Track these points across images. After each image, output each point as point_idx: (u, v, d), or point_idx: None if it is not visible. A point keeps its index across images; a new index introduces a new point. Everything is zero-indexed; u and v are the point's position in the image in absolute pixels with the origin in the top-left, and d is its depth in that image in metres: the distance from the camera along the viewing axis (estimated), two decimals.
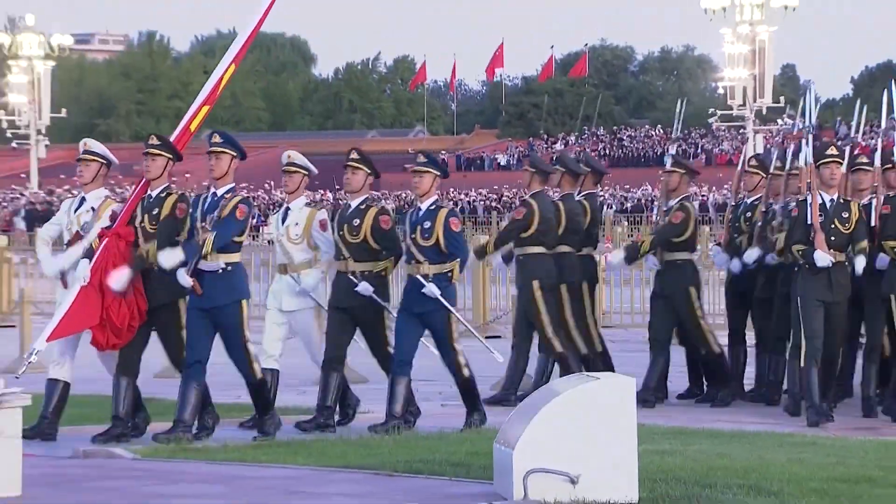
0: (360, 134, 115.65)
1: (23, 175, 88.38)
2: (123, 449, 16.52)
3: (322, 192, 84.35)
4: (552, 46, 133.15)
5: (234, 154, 18.53)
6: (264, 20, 19.30)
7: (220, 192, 18.10)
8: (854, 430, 18.71)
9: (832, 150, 20.11)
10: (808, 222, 19.22)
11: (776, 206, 21.95)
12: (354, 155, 19.60)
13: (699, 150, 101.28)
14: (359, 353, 19.81)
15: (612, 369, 21.22)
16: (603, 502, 12.99)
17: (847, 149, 21.45)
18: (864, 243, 19.43)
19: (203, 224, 17.90)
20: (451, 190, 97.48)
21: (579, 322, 22.40)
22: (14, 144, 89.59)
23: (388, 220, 18.72)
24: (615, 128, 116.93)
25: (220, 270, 17.85)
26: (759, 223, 21.80)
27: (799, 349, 19.46)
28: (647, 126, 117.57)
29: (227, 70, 21.26)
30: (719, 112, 78.33)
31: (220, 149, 18.41)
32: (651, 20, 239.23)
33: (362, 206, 18.61)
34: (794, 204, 20.20)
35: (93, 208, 17.57)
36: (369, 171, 19.15)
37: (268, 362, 18.58)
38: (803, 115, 22.43)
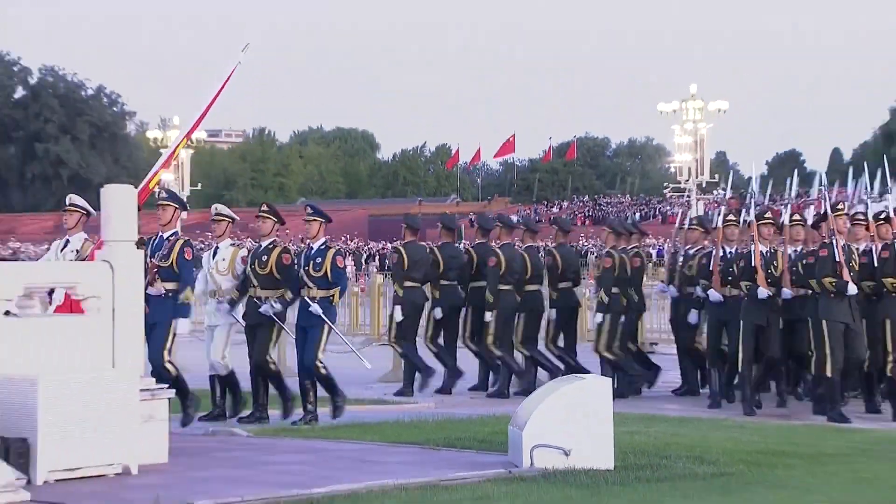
0: (412, 201, 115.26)
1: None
2: (240, 429, 16.53)
3: (383, 242, 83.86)
4: (550, 137, 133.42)
5: (323, 220, 18.43)
6: (210, 108, 18.95)
7: (314, 246, 18.13)
8: (771, 417, 18.59)
9: (842, 208, 19.64)
10: (837, 260, 18.16)
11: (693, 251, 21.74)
12: (264, 207, 19.30)
13: (657, 212, 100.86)
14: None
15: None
16: (588, 469, 13.01)
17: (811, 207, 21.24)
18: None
19: (306, 268, 17.98)
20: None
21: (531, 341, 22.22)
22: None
23: (289, 258, 18.43)
24: (595, 196, 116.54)
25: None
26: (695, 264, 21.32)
27: (824, 361, 18.39)
28: (618, 195, 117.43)
29: (179, 144, 21.82)
30: (671, 185, 78.10)
31: (312, 218, 18.41)
32: (622, 118, 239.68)
33: (270, 247, 18.26)
34: (747, 250, 19.53)
35: (76, 250, 16.89)
36: (276, 220, 18.77)
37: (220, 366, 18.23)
38: (733, 187, 22.34)
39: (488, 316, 21.45)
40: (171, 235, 17.68)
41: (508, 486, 12.21)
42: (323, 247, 18.16)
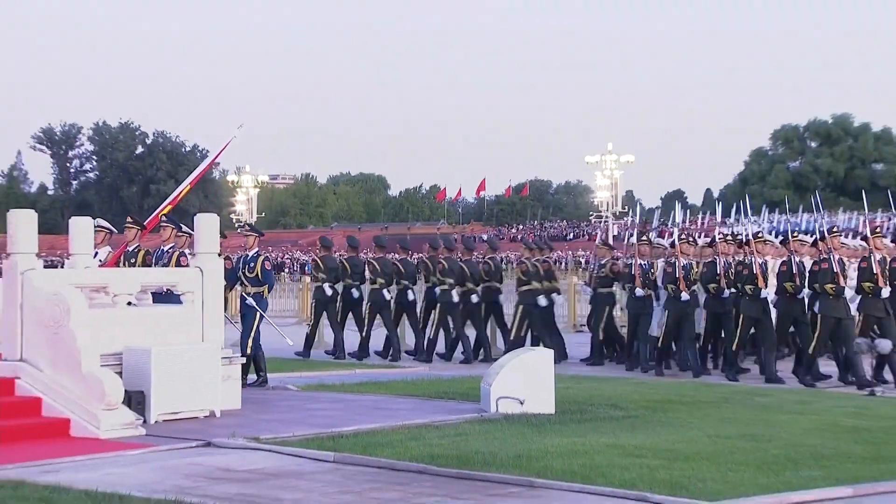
0: (412, 224, 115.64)
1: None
2: (292, 385, 16.47)
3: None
4: (510, 179, 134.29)
5: (257, 234, 17.94)
6: (218, 157, 18.31)
7: (249, 254, 17.41)
8: (667, 377, 18.51)
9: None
10: (874, 271, 16.99)
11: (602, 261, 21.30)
12: (247, 227, 18.82)
13: (584, 233, 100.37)
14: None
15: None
16: (536, 413, 13.02)
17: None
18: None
19: (242, 271, 17.38)
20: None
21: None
22: (238, 230, 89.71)
23: (269, 264, 17.65)
24: (541, 222, 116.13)
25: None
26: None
27: (809, 343, 17.48)
28: (558, 221, 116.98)
29: (186, 189, 20.41)
30: (594, 213, 78.31)
31: (249, 233, 18.00)
32: (561, 165, 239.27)
33: (256, 256, 17.35)
34: (672, 260, 18.89)
35: (101, 259, 16.11)
36: (258, 234, 18.05)
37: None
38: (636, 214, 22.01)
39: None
40: (253, 254, 17.39)
41: (480, 426, 12.24)
42: (255, 254, 17.37)
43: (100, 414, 11.89)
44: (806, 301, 17.96)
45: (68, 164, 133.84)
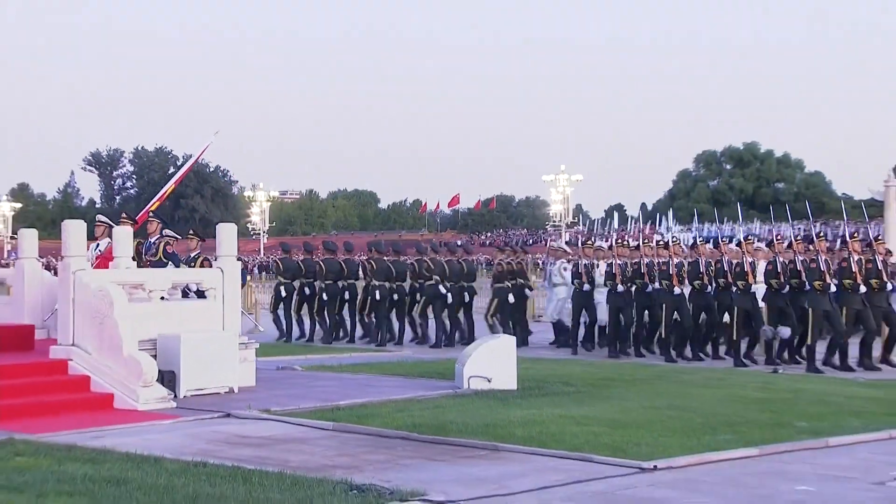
0: (397, 232, 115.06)
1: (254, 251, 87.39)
2: (298, 366, 16.38)
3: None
4: (480, 194, 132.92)
5: (160, 222, 16.49)
6: (197, 161, 17.14)
7: (152, 240, 16.11)
8: (605, 358, 18.54)
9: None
10: (853, 270, 16.52)
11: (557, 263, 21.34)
12: (191, 231, 17.84)
13: (541, 239, 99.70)
14: None
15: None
16: (501, 389, 13.02)
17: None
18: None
19: (145, 255, 15.99)
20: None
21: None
22: (253, 236, 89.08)
23: (209, 263, 15.88)
24: (505, 230, 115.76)
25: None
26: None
27: (806, 334, 16.67)
28: (521, 229, 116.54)
29: (170, 189, 19.30)
30: (550, 224, 78.14)
31: (152, 219, 16.56)
32: (523, 182, 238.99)
33: (196, 257, 16.37)
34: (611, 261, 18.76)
35: (101, 249, 15.41)
36: (200, 238, 17.06)
37: None
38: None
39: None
40: (155, 240, 16.23)
41: (454, 400, 12.24)
42: (157, 239, 16.03)
43: (138, 390, 11.92)
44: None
45: (112, 183, 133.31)
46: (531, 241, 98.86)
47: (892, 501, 7.73)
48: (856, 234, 17.80)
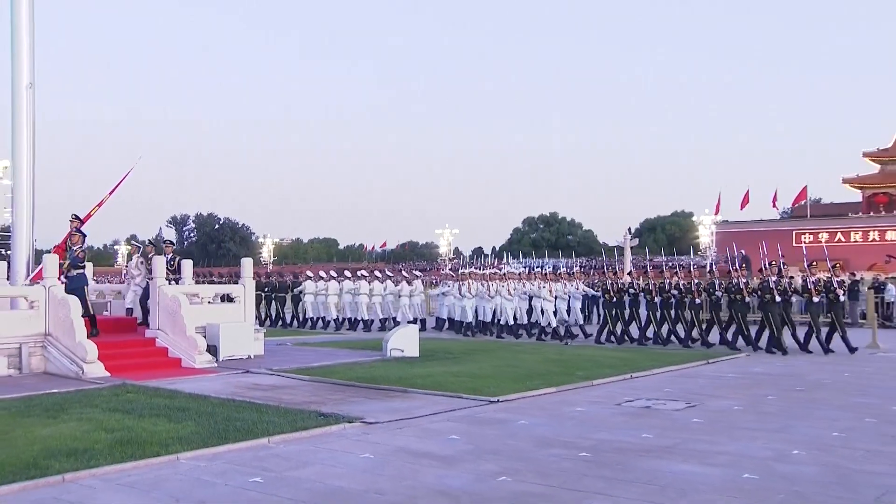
0: (350, 264, 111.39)
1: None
2: (289, 343, 15.76)
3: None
4: (398, 240, 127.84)
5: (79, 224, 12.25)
6: (125, 178, 13.16)
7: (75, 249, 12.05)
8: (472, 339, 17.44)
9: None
10: (809, 287, 13.97)
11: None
12: (159, 243, 15.08)
13: (435, 268, 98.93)
14: None
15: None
16: (410, 356, 12.66)
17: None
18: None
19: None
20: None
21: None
22: (263, 265, 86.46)
23: (180, 257, 13.49)
24: (414, 262, 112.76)
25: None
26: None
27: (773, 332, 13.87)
28: (423, 262, 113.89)
29: (106, 198, 13.48)
30: (441, 258, 76.33)
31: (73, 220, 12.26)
32: (425, 231, 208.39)
33: (173, 259, 13.59)
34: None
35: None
36: (173, 244, 14.08)
37: None
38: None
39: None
40: (79, 248, 12.29)
41: (382, 363, 11.82)
42: (78, 248, 12.03)
43: (195, 356, 11.73)
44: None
45: (182, 235, 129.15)
46: (428, 269, 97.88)
47: (623, 413, 7.90)
48: (611, 265, 18.08)
